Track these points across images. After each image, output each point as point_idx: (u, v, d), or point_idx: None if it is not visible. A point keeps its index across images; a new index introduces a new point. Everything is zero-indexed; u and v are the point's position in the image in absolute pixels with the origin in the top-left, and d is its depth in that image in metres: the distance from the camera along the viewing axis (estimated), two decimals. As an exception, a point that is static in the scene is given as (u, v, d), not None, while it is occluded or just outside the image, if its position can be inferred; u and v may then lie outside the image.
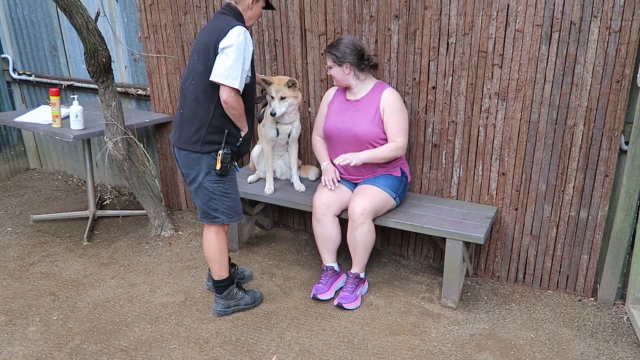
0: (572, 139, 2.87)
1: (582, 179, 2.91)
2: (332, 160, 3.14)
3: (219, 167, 2.64)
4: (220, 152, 2.63)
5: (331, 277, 3.11)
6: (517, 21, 2.82)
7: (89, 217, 3.99)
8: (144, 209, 3.94)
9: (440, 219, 3.00)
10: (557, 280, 3.13)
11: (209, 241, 2.82)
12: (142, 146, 3.92)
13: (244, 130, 2.71)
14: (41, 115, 3.86)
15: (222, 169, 2.65)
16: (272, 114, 3.12)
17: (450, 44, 3.00)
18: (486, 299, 3.11)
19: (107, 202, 4.31)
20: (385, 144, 3.00)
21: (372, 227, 2.97)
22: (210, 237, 2.82)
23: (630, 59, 2.64)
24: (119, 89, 3.92)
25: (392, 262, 3.50)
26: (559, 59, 2.78)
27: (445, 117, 3.15)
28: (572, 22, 2.70)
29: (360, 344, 2.70)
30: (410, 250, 3.54)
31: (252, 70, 2.66)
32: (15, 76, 4.90)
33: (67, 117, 3.68)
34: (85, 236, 3.80)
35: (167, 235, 3.87)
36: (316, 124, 3.27)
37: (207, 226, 2.82)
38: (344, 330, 2.81)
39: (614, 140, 2.78)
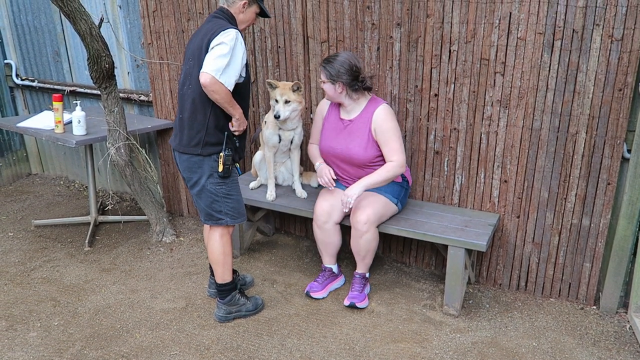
0: (575, 146, 2.87)
1: (584, 186, 2.91)
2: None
3: (222, 169, 2.66)
4: (221, 154, 2.64)
5: (328, 277, 3.15)
6: (519, 29, 2.82)
7: (90, 223, 3.99)
8: (145, 215, 3.94)
9: (442, 226, 3.00)
10: (560, 288, 3.12)
11: (214, 243, 2.83)
12: (144, 152, 3.92)
13: (235, 115, 2.66)
14: (44, 120, 3.86)
15: (224, 171, 2.67)
16: (277, 117, 3.11)
17: (452, 51, 3.01)
18: (488, 306, 3.10)
19: (109, 207, 4.32)
20: (382, 162, 2.98)
21: (377, 234, 2.99)
22: (215, 239, 2.82)
23: (632, 67, 2.64)
24: (121, 95, 3.93)
25: (393, 269, 3.49)
26: (561, 67, 2.79)
27: (447, 125, 3.15)
28: (574, 30, 2.71)
29: (361, 352, 2.69)
30: (412, 257, 3.53)
31: (247, 72, 2.68)
32: (18, 82, 4.91)
33: (70, 122, 3.69)
34: (86, 241, 3.79)
35: (168, 241, 3.86)
36: (312, 134, 3.25)
37: (212, 229, 2.83)
38: (346, 337, 2.80)
39: (617, 148, 2.78)
